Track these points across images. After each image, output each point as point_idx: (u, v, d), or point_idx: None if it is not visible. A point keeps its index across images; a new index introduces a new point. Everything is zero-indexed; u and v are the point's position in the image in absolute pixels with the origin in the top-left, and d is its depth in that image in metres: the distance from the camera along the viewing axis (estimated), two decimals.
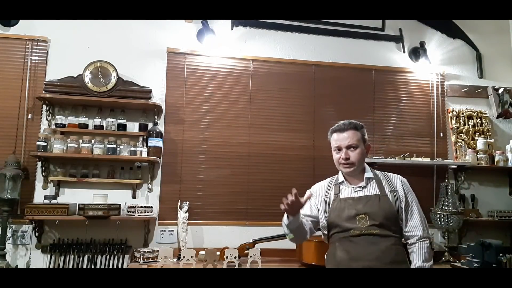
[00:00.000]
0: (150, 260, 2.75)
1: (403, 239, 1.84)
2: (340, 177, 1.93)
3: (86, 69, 2.94)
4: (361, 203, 1.80)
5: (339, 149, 1.87)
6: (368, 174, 1.88)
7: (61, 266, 2.77)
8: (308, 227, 1.88)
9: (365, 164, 1.92)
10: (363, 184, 1.86)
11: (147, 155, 2.94)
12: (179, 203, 3.01)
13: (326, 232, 1.90)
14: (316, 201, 1.93)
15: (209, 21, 3.25)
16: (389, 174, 1.93)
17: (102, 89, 2.94)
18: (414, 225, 1.80)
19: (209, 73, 3.26)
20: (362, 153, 1.86)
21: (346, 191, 1.87)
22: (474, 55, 3.69)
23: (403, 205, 1.81)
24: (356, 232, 1.76)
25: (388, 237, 1.75)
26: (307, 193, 1.77)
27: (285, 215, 1.78)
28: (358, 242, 1.75)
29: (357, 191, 1.85)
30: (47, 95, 2.87)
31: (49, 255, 2.79)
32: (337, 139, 1.88)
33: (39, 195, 2.88)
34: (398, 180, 1.88)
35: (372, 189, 1.84)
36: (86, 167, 2.96)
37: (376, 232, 1.74)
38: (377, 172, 1.93)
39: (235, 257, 2.70)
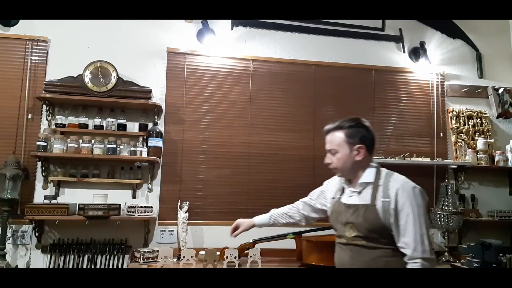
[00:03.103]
0: (150, 260, 2.74)
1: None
2: None
3: (86, 69, 2.94)
4: (350, 211, 1.69)
5: None
6: (365, 178, 1.70)
7: (61, 266, 2.77)
8: (295, 217, 2.07)
9: (373, 165, 1.73)
10: (357, 189, 1.72)
11: (147, 155, 2.94)
12: (179, 203, 3.01)
13: None
14: (326, 196, 1.93)
15: (209, 21, 3.25)
16: (393, 177, 1.68)
17: (102, 89, 2.94)
18: (406, 242, 1.57)
19: (209, 73, 3.26)
20: (343, 157, 1.70)
21: (345, 194, 1.78)
22: (474, 55, 3.68)
23: (392, 219, 1.59)
24: (343, 240, 1.71)
25: (376, 249, 1.62)
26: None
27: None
28: (345, 250, 1.71)
29: (351, 196, 1.74)
30: (47, 95, 2.86)
31: (49, 255, 2.79)
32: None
33: (39, 195, 2.88)
34: (394, 188, 1.62)
35: (364, 197, 1.68)
36: (86, 167, 2.96)
37: (361, 243, 1.64)
38: (383, 173, 1.71)
39: (235, 257, 2.70)
